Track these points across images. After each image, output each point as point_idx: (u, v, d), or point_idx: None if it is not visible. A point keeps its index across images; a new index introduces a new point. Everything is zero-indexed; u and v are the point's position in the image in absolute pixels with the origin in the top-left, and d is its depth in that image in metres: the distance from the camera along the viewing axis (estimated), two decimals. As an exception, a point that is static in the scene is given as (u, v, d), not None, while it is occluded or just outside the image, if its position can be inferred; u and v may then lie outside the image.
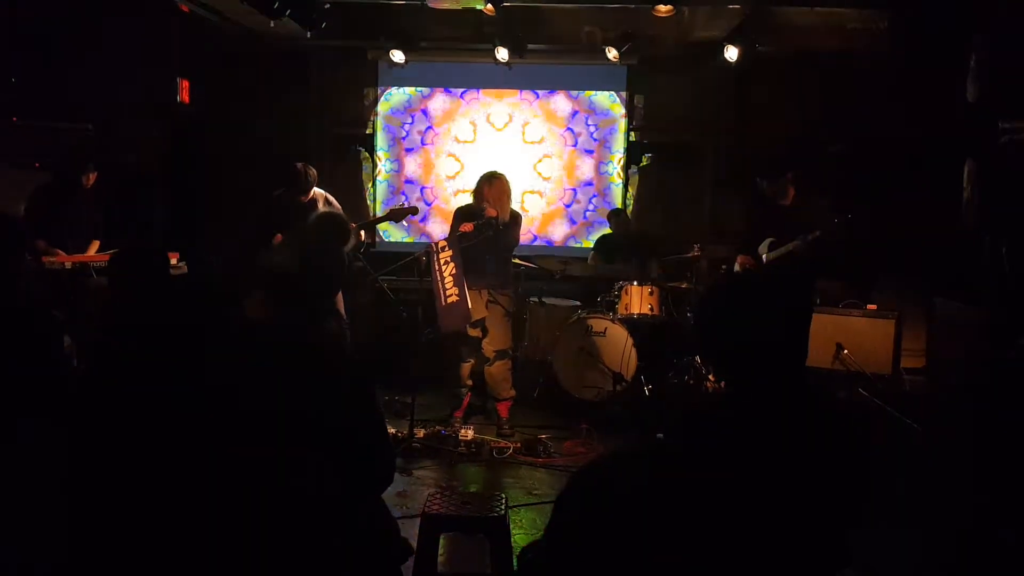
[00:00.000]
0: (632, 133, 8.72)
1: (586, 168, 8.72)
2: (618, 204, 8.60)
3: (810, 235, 5.93)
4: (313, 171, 6.37)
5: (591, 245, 8.24)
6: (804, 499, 1.74)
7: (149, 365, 2.28)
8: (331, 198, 6.58)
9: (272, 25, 6.69)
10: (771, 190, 6.23)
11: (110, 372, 2.42)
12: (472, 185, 6.09)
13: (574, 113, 8.69)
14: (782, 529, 1.70)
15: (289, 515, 2.22)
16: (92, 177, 6.06)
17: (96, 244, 6.01)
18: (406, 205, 6.32)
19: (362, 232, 6.46)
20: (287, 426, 2.26)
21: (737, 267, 6.43)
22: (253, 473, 2.17)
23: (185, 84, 7.85)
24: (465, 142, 8.75)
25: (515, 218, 5.96)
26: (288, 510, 2.22)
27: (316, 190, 6.41)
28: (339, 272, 5.68)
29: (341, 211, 6.63)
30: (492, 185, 5.86)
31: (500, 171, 6.00)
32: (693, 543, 1.32)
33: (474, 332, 5.94)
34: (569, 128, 8.70)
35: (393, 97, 8.79)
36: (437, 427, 5.92)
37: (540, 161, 8.72)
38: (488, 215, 5.74)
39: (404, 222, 8.51)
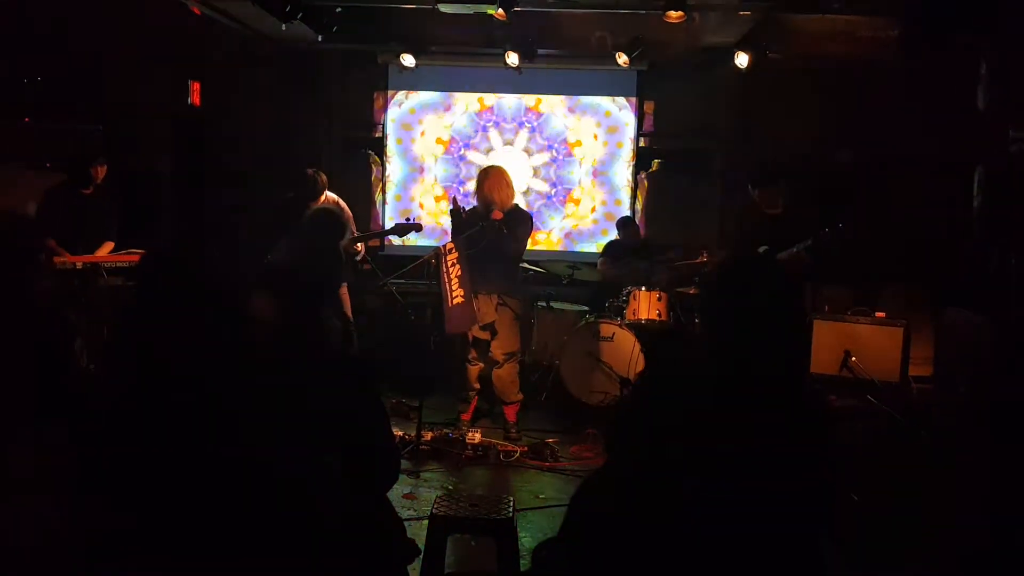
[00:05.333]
0: (641, 139, 8.72)
1: (595, 173, 8.73)
2: (627, 210, 8.60)
3: (802, 244, 5.93)
4: (323, 176, 6.43)
5: (600, 250, 8.23)
6: (798, 495, 1.76)
7: (158, 366, 2.30)
8: (341, 202, 6.62)
9: (283, 28, 6.71)
10: (762, 198, 6.23)
11: (121, 373, 2.44)
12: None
13: (583, 118, 8.70)
14: (777, 527, 1.72)
15: (295, 514, 2.23)
16: (102, 170, 6.04)
17: (109, 245, 6.03)
18: (411, 220, 6.33)
19: (359, 245, 6.49)
20: (292, 425, 2.27)
21: None
22: (258, 472, 2.18)
23: (196, 86, 7.88)
24: (474, 146, 8.77)
25: (521, 217, 5.95)
26: (294, 509, 2.23)
27: (327, 194, 6.47)
28: (337, 266, 5.72)
29: (350, 214, 6.68)
30: (489, 176, 5.87)
31: (499, 165, 6.05)
32: (699, 541, 1.34)
33: (483, 335, 5.95)
34: (578, 133, 8.71)
35: (403, 100, 8.81)
36: (444, 430, 5.92)
37: (549, 166, 8.73)
38: (493, 217, 5.74)
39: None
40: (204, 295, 2.40)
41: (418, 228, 6.30)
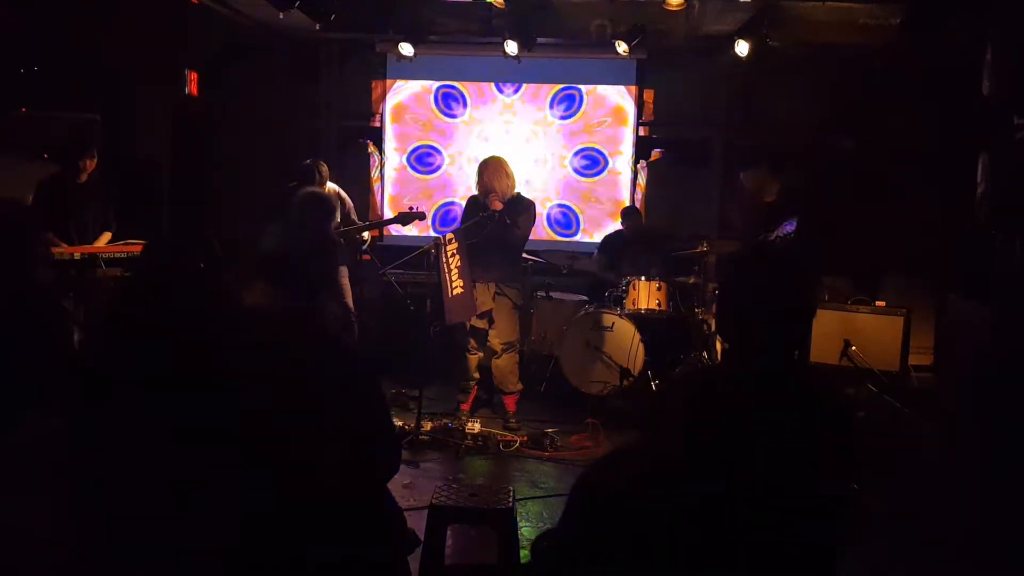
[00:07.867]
0: (641, 128, 8.69)
1: (595, 163, 8.70)
2: (626, 199, 8.58)
3: (785, 234, 5.93)
4: (325, 167, 6.43)
5: (599, 239, 8.22)
6: (800, 482, 1.75)
7: (151, 354, 2.28)
8: (343, 193, 6.63)
9: (281, 17, 6.68)
10: (753, 184, 6.20)
11: (114, 362, 2.42)
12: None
13: (583, 107, 8.66)
14: (783, 514, 1.70)
15: (294, 504, 2.22)
16: (91, 163, 6.01)
17: (107, 235, 6.01)
18: (414, 210, 6.32)
19: (366, 233, 6.50)
20: (291, 415, 2.25)
21: None
22: (257, 462, 2.17)
23: (194, 76, 7.85)
24: (472, 134, 8.74)
25: (523, 206, 5.94)
26: (293, 500, 2.22)
27: (329, 185, 6.47)
28: (330, 247, 5.69)
29: (351, 204, 6.69)
30: (489, 166, 5.88)
31: (499, 155, 6.03)
32: (705, 531, 1.33)
33: (481, 324, 5.94)
34: (578, 122, 8.68)
35: (401, 90, 8.78)
36: (444, 420, 5.92)
37: (548, 155, 8.70)
38: (493, 208, 5.73)
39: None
40: (194, 285, 2.37)
41: (421, 216, 6.30)
